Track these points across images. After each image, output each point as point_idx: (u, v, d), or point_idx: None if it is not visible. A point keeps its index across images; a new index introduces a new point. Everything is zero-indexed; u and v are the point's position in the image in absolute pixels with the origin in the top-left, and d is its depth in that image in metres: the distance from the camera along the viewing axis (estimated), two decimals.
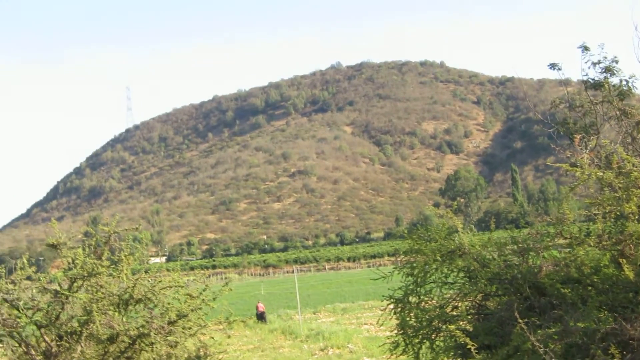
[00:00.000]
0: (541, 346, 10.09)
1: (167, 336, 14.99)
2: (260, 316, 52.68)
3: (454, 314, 13.19)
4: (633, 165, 12.27)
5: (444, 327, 12.93)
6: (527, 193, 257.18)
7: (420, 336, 13.36)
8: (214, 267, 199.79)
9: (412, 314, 13.60)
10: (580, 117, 17.71)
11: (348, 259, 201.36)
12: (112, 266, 15.71)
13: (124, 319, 15.32)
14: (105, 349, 15.07)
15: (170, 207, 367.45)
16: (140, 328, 14.83)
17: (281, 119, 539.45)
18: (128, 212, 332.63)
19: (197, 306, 15.58)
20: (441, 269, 13.79)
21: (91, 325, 14.65)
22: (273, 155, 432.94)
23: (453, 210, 15.13)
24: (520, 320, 10.57)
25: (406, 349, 13.59)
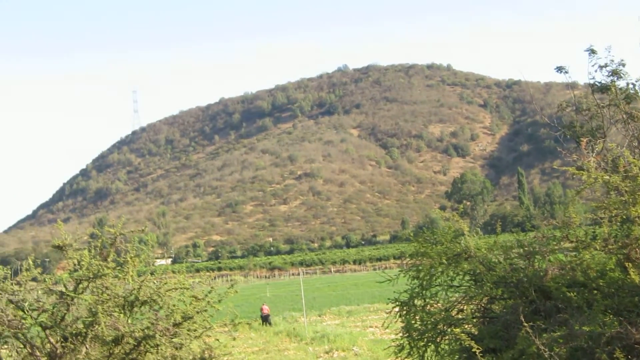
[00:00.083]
0: (546, 350, 10.08)
1: (172, 338, 14.97)
2: (264, 319, 52.60)
3: (460, 317, 13.18)
4: (639, 168, 12.24)
5: (449, 330, 12.92)
6: (534, 196, 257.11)
7: (425, 339, 13.35)
8: (220, 269, 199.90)
9: (418, 317, 13.60)
10: (587, 121, 17.71)
11: (354, 262, 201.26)
12: (118, 268, 15.70)
13: (129, 321, 15.31)
14: (110, 351, 15.06)
15: (176, 209, 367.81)
16: (145, 330, 14.81)
17: (288, 122, 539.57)
18: (134, 214, 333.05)
19: (203, 308, 15.55)
20: (447, 272, 13.78)
21: (96, 326, 14.64)
22: (279, 157, 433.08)
23: (459, 213, 15.16)
24: (525, 323, 10.55)
25: (411, 352, 13.58)
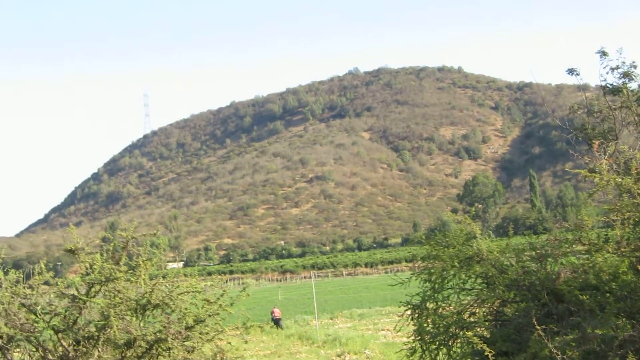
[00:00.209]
0: (559, 353, 10.06)
1: (185, 341, 14.98)
2: (276, 322, 52.59)
3: (472, 320, 13.16)
4: None
5: (462, 334, 12.91)
6: (545, 199, 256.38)
7: (437, 342, 13.34)
8: (232, 273, 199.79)
9: (430, 320, 13.59)
10: (598, 123, 17.66)
11: (365, 265, 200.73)
12: (130, 271, 15.70)
13: (142, 324, 15.32)
14: (122, 354, 15.07)
15: (187, 213, 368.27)
16: (157, 333, 14.82)
17: (299, 125, 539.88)
18: (146, 218, 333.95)
19: (215, 311, 15.54)
20: (459, 275, 13.77)
21: (108, 330, 14.67)
22: (291, 160, 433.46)
23: (471, 216, 15.11)
24: (538, 326, 10.54)
25: (423, 355, 13.57)
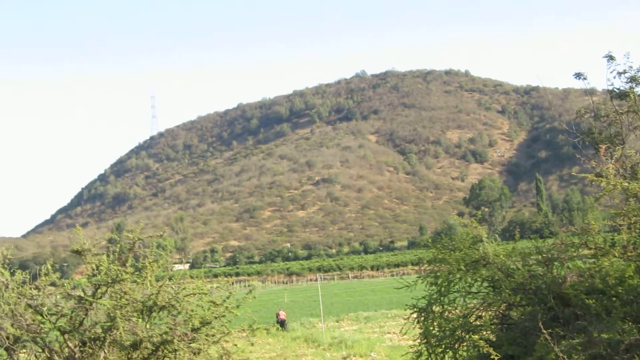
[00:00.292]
0: (565, 357, 10.07)
1: (190, 343, 15.01)
2: (281, 324, 52.58)
3: (478, 324, 13.17)
4: None
5: (467, 337, 12.92)
6: (552, 203, 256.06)
7: (443, 346, 13.35)
8: (238, 275, 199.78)
9: (436, 324, 13.61)
10: (605, 127, 17.63)
11: (371, 268, 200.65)
12: (136, 273, 15.74)
13: (148, 326, 15.35)
14: (128, 356, 15.10)
15: (194, 215, 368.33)
16: (163, 335, 14.85)
17: (306, 127, 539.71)
18: (152, 219, 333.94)
19: (221, 313, 15.57)
20: (465, 279, 13.79)
21: (115, 331, 14.69)
22: (297, 163, 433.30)
23: (477, 219, 15.14)
24: (544, 330, 10.55)
25: (429, 359, 13.58)
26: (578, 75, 18.84)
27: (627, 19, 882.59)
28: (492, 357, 11.18)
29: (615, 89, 17.35)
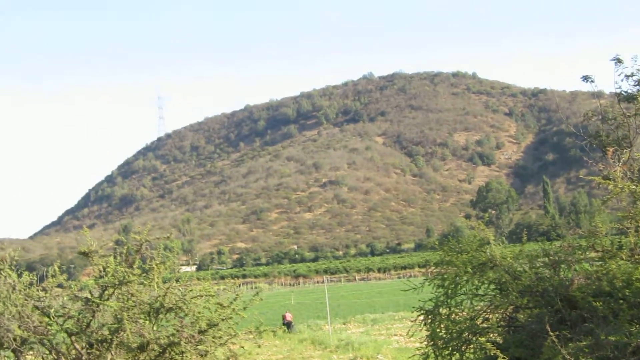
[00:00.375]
0: (572, 359, 10.05)
1: (198, 345, 15.02)
2: (287, 326, 52.52)
3: (485, 326, 13.17)
4: None
5: (474, 339, 12.91)
6: (559, 205, 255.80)
7: (450, 348, 13.35)
8: (244, 277, 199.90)
9: (443, 326, 13.61)
10: (612, 130, 17.61)
11: (378, 270, 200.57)
12: (143, 275, 15.77)
13: (155, 328, 15.38)
14: (135, 357, 15.12)
15: (201, 216, 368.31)
16: (170, 337, 14.88)
17: (313, 129, 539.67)
18: (159, 221, 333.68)
19: (228, 315, 15.59)
20: (472, 281, 13.79)
21: (122, 333, 14.72)
22: (304, 165, 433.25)
23: (484, 222, 15.18)
24: (551, 333, 10.54)
25: None
26: (585, 78, 18.81)
27: (635, 22, 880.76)
28: None
29: (622, 92, 17.33)
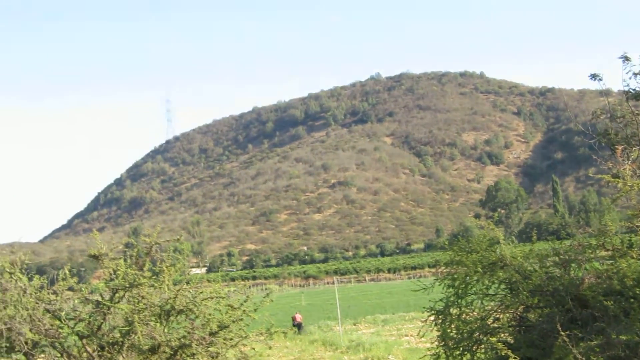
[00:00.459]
0: (583, 359, 10.05)
1: (209, 347, 15.02)
2: (297, 326, 52.49)
3: (495, 326, 13.16)
4: None
5: (485, 339, 12.91)
6: (568, 204, 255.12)
7: (461, 348, 13.34)
8: (254, 278, 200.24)
9: (453, 326, 13.59)
10: (621, 128, 17.56)
11: (388, 270, 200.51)
12: (154, 277, 15.77)
13: (166, 330, 15.38)
14: None
15: (210, 218, 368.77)
16: (181, 339, 14.88)
17: (321, 130, 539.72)
18: (168, 223, 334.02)
19: (238, 317, 15.58)
20: (482, 281, 13.77)
21: (133, 335, 14.73)
22: (313, 166, 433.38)
23: (494, 221, 15.17)
24: (562, 332, 10.53)
25: None
26: (593, 76, 18.76)
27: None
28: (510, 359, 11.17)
29: (631, 90, 17.29)
